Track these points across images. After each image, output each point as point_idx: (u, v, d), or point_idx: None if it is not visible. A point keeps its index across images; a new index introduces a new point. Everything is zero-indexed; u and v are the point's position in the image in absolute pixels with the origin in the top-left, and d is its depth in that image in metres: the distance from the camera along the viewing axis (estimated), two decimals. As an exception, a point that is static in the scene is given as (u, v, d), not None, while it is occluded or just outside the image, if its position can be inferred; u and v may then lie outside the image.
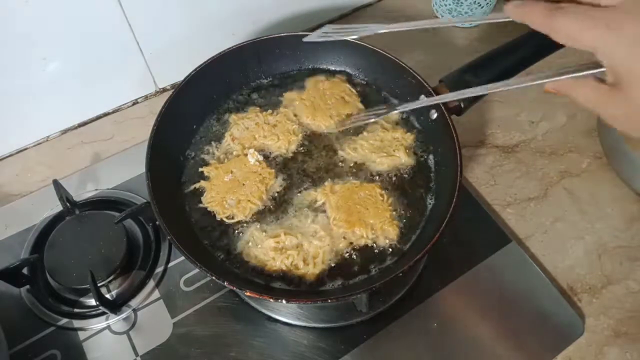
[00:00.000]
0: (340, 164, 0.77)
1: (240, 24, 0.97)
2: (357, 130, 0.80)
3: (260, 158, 0.76)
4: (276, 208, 0.73)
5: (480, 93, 0.61)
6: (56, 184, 0.77)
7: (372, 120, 0.76)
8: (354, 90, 0.83)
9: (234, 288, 0.62)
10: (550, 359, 0.71)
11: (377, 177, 0.75)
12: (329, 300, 0.65)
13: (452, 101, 0.73)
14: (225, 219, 0.71)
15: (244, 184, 0.74)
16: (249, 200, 0.72)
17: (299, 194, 0.74)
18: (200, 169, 0.76)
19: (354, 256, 0.69)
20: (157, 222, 0.65)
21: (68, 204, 0.78)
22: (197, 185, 0.74)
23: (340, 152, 0.78)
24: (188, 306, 0.73)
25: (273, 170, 0.75)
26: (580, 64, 0.47)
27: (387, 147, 0.77)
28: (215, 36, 0.93)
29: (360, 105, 0.82)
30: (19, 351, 0.69)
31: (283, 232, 0.69)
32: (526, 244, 0.81)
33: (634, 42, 0.41)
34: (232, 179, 0.74)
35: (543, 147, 0.91)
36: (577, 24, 0.43)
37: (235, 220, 0.71)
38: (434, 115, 0.75)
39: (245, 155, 0.76)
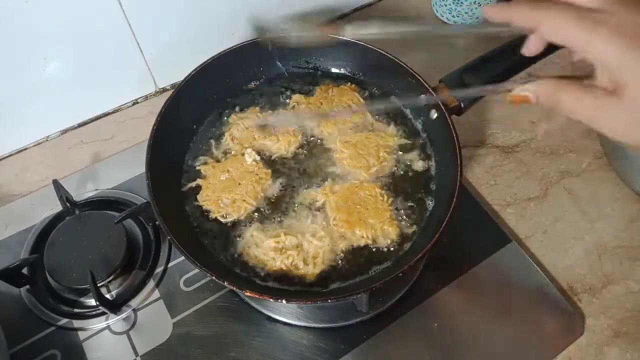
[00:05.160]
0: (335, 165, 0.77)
1: (240, 24, 0.97)
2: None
3: (258, 158, 0.76)
4: (276, 208, 0.73)
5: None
6: (56, 183, 0.77)
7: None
8: (362, 100, 0.82)
9: (234, 288, 0.62)
10: (550, 358, 0.70)
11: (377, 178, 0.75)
12: (329, 300, 0.65)
13: (453, 101, 0.73)
14: (220, 218, 0.72)
15: (240, 184, 0.74)
16: (244, 200, 0.72)
17: (299, 194, 0.74)
18: (197, 168, 0.76)
19: (354, 256, 0.69)
20: (157, 222, 0.65)
21: (68, 204, 0.78)
22: (193, 184, 0.74)
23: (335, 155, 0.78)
24: (188, 306, 0.73)
25: (270, 171, 0.75)
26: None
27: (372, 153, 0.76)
28: (215, 36, 0.93)
29: (368, 115, 0.81)
30: (19, 351, 0.69)
31: (283, 232, 0.69)
32: (526, 244, 0.80)
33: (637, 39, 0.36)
34: (229, 178, 0.74)
35: (543, 147, 0.91)
36: (571, 18, 0.38)
37: (232, 219, 0.71)
38: (434, 116, 0.75)
39: (243, 155, 0.76)
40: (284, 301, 0.60)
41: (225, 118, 0.81)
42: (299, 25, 0.70)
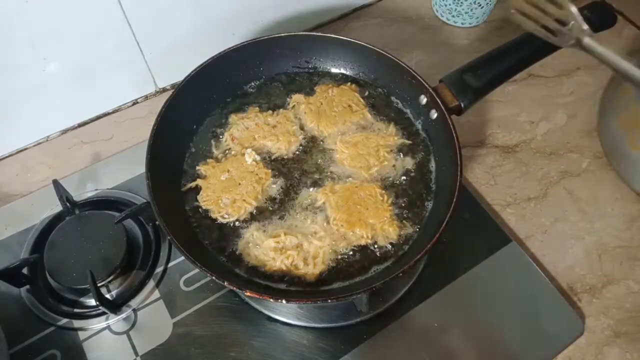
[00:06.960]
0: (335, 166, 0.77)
1: (241, 24, 0.97)
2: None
3: (258, 158, 0.76)
4: (276, 208, 0.73)
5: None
6: (56, 183, 0.77)
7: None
8: (362, 100, 0.82)
9: (234, 288, 0.62)
10: (550, 358, 0.71)
11: (378, 179, 0.75)
12: (329, 300, 0.65)
13: (453, 101, 0.73)
14: (220, 218, 0.71)
15: (240, 184, 0.74)
16: (244, 200, 0.72)
17: (299, 194, 0.74)
18: (197, 167, 0.76)
19: (354, 256, 0.69)
20: (157, 222, 0.65)
21: (68, 204, 0.78)
22: (193, 184, 0.74)
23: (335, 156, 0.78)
24: (188, 306, 0.73)
25: (270, 171, 0.75)
26: None
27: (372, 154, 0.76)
28: (215, 36, 0.93)
29: (368, 116, 0.81)
30: (19, 351, 0.69)
31: (283, 232, 0.69)
32: (526, 244, 0.80)
33: None
34: (229, 178, 0.74)
35: (543, 147, 0.91)
36: None
37: (232, 219, 0.71)
38: (434, 115, 0.75)
39: (243, 155, 0.76)
40: (284, 301, 0.60)
41: (225, 118, 0.81)
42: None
